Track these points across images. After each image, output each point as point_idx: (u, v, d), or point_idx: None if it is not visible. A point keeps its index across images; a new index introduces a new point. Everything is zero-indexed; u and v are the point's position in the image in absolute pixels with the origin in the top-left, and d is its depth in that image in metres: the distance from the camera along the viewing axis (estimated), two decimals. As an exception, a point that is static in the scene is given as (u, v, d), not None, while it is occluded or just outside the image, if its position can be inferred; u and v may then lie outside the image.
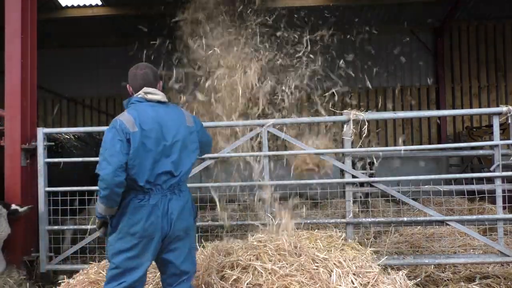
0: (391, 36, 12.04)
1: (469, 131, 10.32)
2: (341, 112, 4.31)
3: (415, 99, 11.95)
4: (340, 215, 6.29)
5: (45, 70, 12.11)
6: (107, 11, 10.53)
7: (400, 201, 4.35)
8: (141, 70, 2.77)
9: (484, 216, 4.71)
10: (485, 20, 11.73)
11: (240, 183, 4.48)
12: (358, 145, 4.51)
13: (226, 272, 3.04)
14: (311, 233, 3.70)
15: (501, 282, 3.93)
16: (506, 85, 11.74)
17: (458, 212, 6.38)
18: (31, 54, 4.67)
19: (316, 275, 2.95)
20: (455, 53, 11.86)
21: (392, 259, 4.14)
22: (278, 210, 4.16)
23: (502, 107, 4.10)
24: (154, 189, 2.52)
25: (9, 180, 4.46)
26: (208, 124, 5.03)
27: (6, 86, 4.51)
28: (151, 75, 2.76)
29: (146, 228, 2.47)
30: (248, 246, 3.28)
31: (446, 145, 4.58)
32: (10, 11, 4.55)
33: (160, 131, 2.59)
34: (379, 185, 4.25)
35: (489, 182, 4.76)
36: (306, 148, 4.41)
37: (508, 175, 4.21)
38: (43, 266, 4.46)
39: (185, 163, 2.68)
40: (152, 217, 2.49)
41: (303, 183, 4.50)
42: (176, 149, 2.63)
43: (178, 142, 2.64)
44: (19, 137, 4.47)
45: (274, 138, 4.88)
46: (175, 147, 2.63)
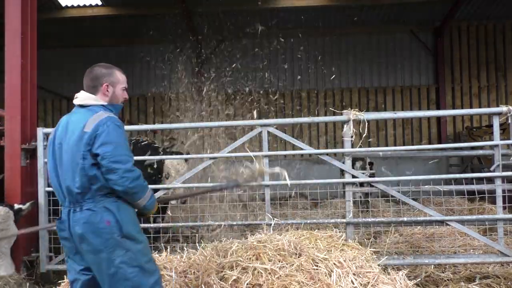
0: (391, 36, 12.04)
1: (469, 131, 10.32)
2: (341, 112, 4.30)
3: (415, 99, 11.95)
4: (340, 215, 6.30)
5: (45, 70, 12.14)
6: (107, 11, 10.54)
7: (400, 201, 4.35)
8: (86, 73, 2.66)
9: (484, 216, 4.71)
10: (485, 20, 11.73)
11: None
12: (358, 145, 4.51)
13: (225, 273, 3.04)
14: (311, 233, 3.70)
15: (501, 282, 3.93)
16: (506, 85, 11.73)
17: (458, 212, 6.38)
18: (31, 54, 4.67)
19: (316, 275, 2.95)
20: (455, 53, 11.86)
21: (392, 259, 4.14)
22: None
23: (502, 107, 4.10)
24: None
25: (9, 180, 4.46)
26: (208, 124, 5.05)
27: (6, 86, 4.51)
28: (89, 78, 2.61)
29: None
30: (247, 246, 3.27)
31: (446, 145, 4.58)
32: (10, 11, 4.55)
33: (63, 138, 2.48)
34: (379, 185, 4.25)
35: (489, 182, 4.76)
36: (306, 148, 4.41)
37: (508, 175, 4.21)
38: (43, 266, 4.46)
39: (67, 177, 2.41)
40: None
41: (303, 183, 4.49)
42: (65, 160, 2.43)
43: (67, 151, 2.43)
44: (19, 137, 4.47)
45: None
46: (64, 157, 2.44)
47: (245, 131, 4.86)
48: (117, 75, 2.67)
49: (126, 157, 2.40)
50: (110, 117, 2.47)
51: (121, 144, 2.42)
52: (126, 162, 2.39)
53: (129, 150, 2.49)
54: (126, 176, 2.37)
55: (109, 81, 2.63)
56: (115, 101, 2.65)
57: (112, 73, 2.66)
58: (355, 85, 12.17)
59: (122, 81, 2.69)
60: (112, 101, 2.63)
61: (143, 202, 2.50)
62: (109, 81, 2.62)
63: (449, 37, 11.85)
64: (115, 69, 2.69)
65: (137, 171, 2.44)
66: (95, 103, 2.57)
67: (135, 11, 10.68)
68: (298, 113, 12.14)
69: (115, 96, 2.65)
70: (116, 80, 2.66)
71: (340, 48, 12.25)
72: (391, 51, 12.06)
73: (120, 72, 2.70)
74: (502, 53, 11.74)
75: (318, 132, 12.14)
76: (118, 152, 2.38)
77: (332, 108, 11.95)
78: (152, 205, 2.59)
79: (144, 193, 2.49)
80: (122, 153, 2.40)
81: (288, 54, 12.31)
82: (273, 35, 12.22)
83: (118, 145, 2.40)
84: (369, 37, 12.16)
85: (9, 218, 3.98)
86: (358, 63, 12.17)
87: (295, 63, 12.28)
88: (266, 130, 4.31)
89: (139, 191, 2.45)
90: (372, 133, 11.92)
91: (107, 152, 2.35)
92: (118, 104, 2.68)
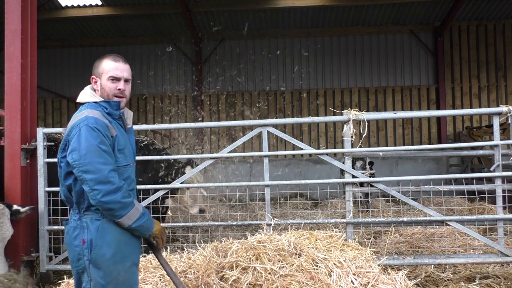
0: (391, 36, 12.05)
1: (469, 131, 10.32)
2: (341, 112, 4.30)
3: (415, 99, 11.96)
4: (340, 215, 6.30)
5: (45, 70, 12.21)
6: (107, 11, 10.55)
7: (400, 201, 4.35)
8: None
9: (484, 216, 4.70)
10: (485, 20, 11.74)
11: (240, 183, 4.47)
12: (358, 145, 4.51)
13: (225, 273, 3.04)
14: (311, 233, 3.69)
15: (501, 282, 3.93)
16: (506, 85, 11.73)
17: (458, 212, 6.39)
18: (31, 54, 4.66)
19: (316, 275, 2.95)
20: (455, 53, 11.86)
21: (392, 259, 4.14)
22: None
23: (502, 107, 4.10)
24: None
25: (9, 180, 4.45)
26: (208, 124, 5.05)
27: (6, 86, 4.50)
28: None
29: None
30: (247, 246, 3.27)
31: (446, 145, 4.57)
32: (10, 11, 4.54)
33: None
34: (379, 185, 4.24)
35: (489, 182, 4.77)
36: (306, 148, 4.41)
37: (508, 175, 4.20)
38: (43, 266, 4.46)
39: (60, 184, 2.28)
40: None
41: (303, 183, 4.49)
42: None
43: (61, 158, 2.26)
44: (19, 137, 4.46)
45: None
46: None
47: (245, 131, 4.86)
48: (102, 65, 2.30)
49: (97, 166, 2.04)
50: (87, 117, 2.14)
51: (91, 150, 2.05)
52: (96, 171, 2.03)
53: (106, 157, 2.10)
54: (97, 189, 2.03)
55: (95, 73, 2.33)
56: (105, 95, 2.29)
57: (99, 63, 2.32)
58: (355, 85, 12.17)
59: (108, 70, 2.28)
60: (103, 96, 2.30)
61: (127, 222, 2.12)
62: (95, 73, 2.33)
63: (449, 37, 11.86)
64: (105, 58, 2.32)
65: (113, 184, 2.05)
66: (90, 99, 2.29)
67: (135, 11, 10.69)
68: (298, 113, 12.14)
69: (103, 90, 2.29)
70: (101, 70, 2.30)
71: (340, 48, 12.25)
72: (391, 51, 12.06)
73: (108, 60, 2.30)
74: (502, 53, 11.75)
75: (318, 132, 12.14)
76: (87, 159, 2.04)
77: (332, 108, 11.96)
78: (144, 227, 2.20)
79: (124, 210, 2.10)
80: (93, 160, 2.04)
81: (288, 54, 12.31)
82: (273, 35, 12.24)
83: (88, 151, 2.05)
84: (369, 37, 12.17)
85: (3, 215, 3.96)
86: (358, 63, 12.17)
87: (295, 63, 12.28)
88: (266, 130, 4.31)
89: (116, 208, 2.07)
90: (372, 133, 11.93)
91: (75, 160, 2.06)
92: (111, 100, 2.29)
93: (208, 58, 12.30)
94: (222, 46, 12.39)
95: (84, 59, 12.52)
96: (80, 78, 12.62)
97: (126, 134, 2.37)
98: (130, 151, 2.38)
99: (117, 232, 2.16)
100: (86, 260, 2.12)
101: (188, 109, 12.43)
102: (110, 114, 2.26)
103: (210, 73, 12.37)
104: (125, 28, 11.95)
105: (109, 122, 2.20)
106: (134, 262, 2.28)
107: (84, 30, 11.98)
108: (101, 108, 2.25)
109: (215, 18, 11.47)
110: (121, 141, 2.26)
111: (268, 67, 12.31)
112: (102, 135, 2.12)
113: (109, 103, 2.27)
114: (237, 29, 12.17)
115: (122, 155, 2.26)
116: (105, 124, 2.16)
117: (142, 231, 2.22)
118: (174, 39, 12.30)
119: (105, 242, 2.13)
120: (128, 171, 2.29)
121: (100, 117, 2.17)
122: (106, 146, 2.13)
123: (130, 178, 2.31)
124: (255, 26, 12.04)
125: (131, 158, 2.36)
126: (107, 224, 2.15)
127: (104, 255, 2.12)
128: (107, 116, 2.24)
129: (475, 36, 11.87)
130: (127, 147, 2.32)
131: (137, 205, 2.19)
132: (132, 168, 2.37)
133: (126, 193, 2.12)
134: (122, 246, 2.18)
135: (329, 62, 12.26)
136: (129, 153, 2.33)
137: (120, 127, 2.33)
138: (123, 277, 2.17)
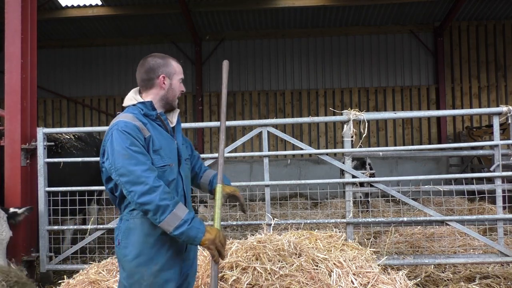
0: (391, 36, 12.05)
1: (469, 131, 10.32)
2: (341, 112, 4.30)
3: (415, 99, 11.96)
4: (340, 215, 6.30)
5: (45, 70, 12.21)
6: (107, 11, 10.55)
7: (400, 201, 4.35)
8: (139, 65, 2.35)
9: (484, 216, 4.71)
10: (485, 20, 11.74)
11: (240, 183, 4.47)
12: (358, 145, 4.51)
13: (225, 273, 3.04)
14: (311, 233, 3.70)
15: (501, 282, 3.93)
16: (506, 85, 11.74)
17: (458, 212, 6.39)
18: (31, 54, 4.67)
19: (316, 275, 2.95)
20: (455, 53, 11.86)
21: (392, 259, 4.14)
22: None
23: (502, 107, 4.10)
24: None
25: (9, 180, 4.45)
26: (208, 124, 5.05)
27: (6, 86, 4.51)
28: (144, 70, 2.30)
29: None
30: (247, 246, 3.27)
31: (446, 145, 4.58)
32: (10, 11, 4.54)
33: None
34: (379, 185, 4.25)
35: (489, 182, 4.77)
36: (306, 148, 4.41)
37: (508, 175, 4.21)
38: (43, 266, 4.46)
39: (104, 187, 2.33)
40: None
41: (303, 183, 4.50)
42: None
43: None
44: (19, 137, 4.47)
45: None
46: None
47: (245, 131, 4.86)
48: (173, 65, 2.33)
49: (129, 167, 2.02)
50: (119, 121, 2.13)
51: (122, 154, 2.04)
52: (129, 173, 2.01)
53: (138, 158, 2.05)
54: (133, 190, 2.00)
55: (166, 72, 2.30)
56: (171, 94, 2.31)
57: (168, 63, 2.32)
58: (355, 85, 12.17)
59: (179, 72, 2.35)
60: (167, 95, 2.30)
61: (167, 227, 2.00)
62: (165, 72, 2.30)
63: (449, 37, 11.86)
64: (170, 59, 2.35)
65: (147, 184, 1.99)
66: (130, 103, 2.28)
67: (135, 11, 10.69)
68: (298, 113, 12.15)
69: (171, 89, 2.31)
70: (173, 71, 2.32)
71: (340, 48, 12.25)
72: (391, 51, 12.06)
73: (175, 62, 2.36)
74: (502, 53, 11.75)
75: (318, 132, 12.14)
76: (119, 163, 2.03)
77: (332, 108, 11.96)
78: (186, 236, 2.02)
79: (162, 215, 1.99)
80: (124, 163, 2.03)
81: (288, 54, 12.31)
82: (273, 35, 12.24)
83: (119, 155, 2.04)
84: (369, 37, 12.17)
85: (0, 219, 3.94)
86: (358, 63, 12.18)
87: (295, 63, 12.28)
88: (266, 130, 4.31)
89: (152, 210, 1.99)
90: (372, 133, 11.93)
91: (110, 166, 2.07)
92: (171, 101, 2.31)
93: (208, 58, 12.30)
94: (222, 46, 12.40)
95: (84, 59, 12.51)
96: (80, 78, 12.65)
97: (167, 134, 2.27)
98: (172, 151, 2.26)
99: (143, 233, 2.11)
100: (118, 260, 2.20)
101: (188, 109, 12.44)
102: (146, 115, 2.22)
103: (210, 73, 12.37)
104: (125, 28, 11.95)
105: (143, 124, 2.16)
106: (164, 267, 2.13)
107: (84, 30, 11.98)
108: (138, 110, 2.22)
109: (215, 18, 11.48)
110: (157, 141, 2.17)
111: (268, 67, 12.31)
112: (132, 137, 2.08)
113: (144, 104, 2.23)
114: (237, 29, 12.17)
115: (158, 156, 2.16)
116: (135, 126, 2.11)
117: (185, 239, 2.05)
118: (174, 39, 12.31)
119: (129, 242, 2.10)
120: (166, 173, 2.18)
121: (131, 120, 2.13)
122: (138, 147, 2.08)
123: (168, 181, 2.18)
124: (255, 26, 12.04)
125: (170, 159, 2.22)
126: (134, 225, 2.12)
127: (127, 255, 2.10)
128: (142, 118, 2.19)
129: (475, 36, 11.87)
130: (164, 147, 2.20)
131: (177, 210, 2.02)
132: (171, 169, 2.22)
133: (165, 195, 2.01)
134: (147, 249, 2.10)
135: (329, 62, 12.26)
136: (167, 154, 2.21)
137: (159, 127, 2.25)
138: (148, 281, 2.08)
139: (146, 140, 2.14)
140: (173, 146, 2.29)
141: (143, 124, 2.16)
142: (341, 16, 11.46)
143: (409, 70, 12.04)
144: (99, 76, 12.50)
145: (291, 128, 12.01)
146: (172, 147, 2.27)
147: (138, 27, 11.86)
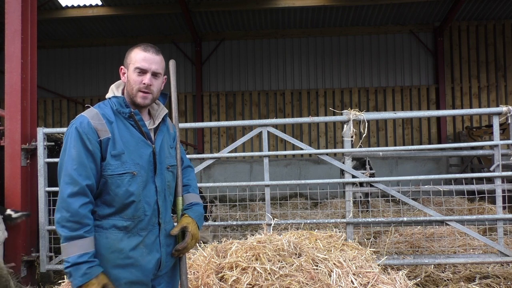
0: (391, 36, 12.06)
1: (469, 131, 10.33)
2: (341, 112, 4.30)
3: (415, 99, 11.96)
4: (340, 215, 6.30)
5: (45, 70, 12.22)
6: (107, 11, 10.56)
7: (400, 201, 4.35)
8: None
9: (484, 216, 4.70)
10: (485, 20, 11.74)
11: (240, 183, 4.47)
12: (358, 145, 4.52)
13: (225, 273, 3.04)
14: (311, 233, 3.70)
15: (501, 282, 3.94)
16: (506, 85, 11.74)
17: (458, 212, 6.39)
18: (31, 54, 4.67)
19: (316, 275, 2.95)
20: (455, 53, 11.87)
21: (392, 259, 4.14)
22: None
23: (502, 107, 4.10)
24: None
25: (9, 180, 4.45)
26: (208, 124, 5.04)
27: (6, 86, 4.51)
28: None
29: None
30: (247, 246, 3.27)
31: (446, 145, 4.57)
32: (10, 11, 4.54)
33: None
34: (379, 185, 4.25)
35: (489, 182, 4.77)
36: (306, 148, 4.41)
37: (508, 175, 4.21)
38: (43, 266, 4.46)
39: None
40: None
41: (303, 183, 4.50)
42: None
43: None
44: (19, 137, 4.47)
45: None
46: None
47: (245, 131, 4.87)
48: (131, 54, 1.97)
49: (65, 178, 1.79)
50: (78, 118, 1.89)
51: (64, 161, 1.81)
52: (62, 189, 1.78)
53: (73, 167, 1.79)
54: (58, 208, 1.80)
55: (124, 63, 2.01)
56: (129, 88, 1.96)
57: (128, 53, 1.99)
58: (355, 85, 12.17)
59: (135, 60, 1.94)
60: (128, 89, 1.98)
61: (63, 252, 1.79)
62: (124, 64, 2.01)
63: (449, 37, 11.86)
64: (136, 47, 1.98)
65: (62, 196, 1.76)
66: (107, 96, 2.04)
67: (135, 11, 10.70)
68: (298, 113, 12.15)
69: (129, 83, 1.96)
70: (129, 60, 1.97)
71: (340, 48, 12.25)
72: (391, 51, 12.07)
73: (138, 49, 1.96)
74: (502, 53, 11.75)
75: (318, 132, 12.14)
76: (60, 172, 1.83)
77: (332, 108, 11.96)
78: (70, 275, 1.83)
79: (62, 239, 1.78)
80: (62, 173, 1.81)
81: (288, 54, 12.32)
82: (273, 35, 12.25)
83: (62, 162, 1.83)
84: (369, 37, 12.17)
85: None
86: (358, 63, 12.18)
87: (295, 63, 12.29)
88: (266, 130, 4.31)
89: (60, 234, 1.79)
90: (372, 133, 11.93)
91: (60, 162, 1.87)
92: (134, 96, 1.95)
93: (208, 58, 12.30)
94: (222, 46, 12.40)
95: (84, 59, 12.51)
96: (80, 78, 12.65)
97: (140, 137, 1.94)
98: (142, 157, 1.93)
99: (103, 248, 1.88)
100: None
101: (188, 109, 12.44)
102: (119, 112, 1.93)
103: (210, 73, 12.38)
104: (125, 28, 11.95)
105: (108, 122, 1.88)
106: (132, 281, 1.91)
107: (84, 30, 11.99)
108: (110, 105, 1.95)
109: (215, 18, 11.48)
110: (120, 145, 1.87)
111: (268, 67, 12.32)
112: (77, 140, 1.83)
113: (117, 99, 1.95)
114: (237, 29, 12.17)
115: (118, 161, 1.86)
116: (89, 127, 1.84)
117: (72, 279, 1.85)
118: (174, 39, 12.31)
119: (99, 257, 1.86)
120: (125, 182, 1.86)
121: (91, 118, 1.87)
122: (78, 150, 1.83)
123: (129, 191, 1.87)
124: (255, 26, 12.05)
125: (137, 166, 1.90)
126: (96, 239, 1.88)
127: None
128: (110, 116, 1.91)
129: (475, 36, 11.88)
130: (129, 151, 1.89)
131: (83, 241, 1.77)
132: (136, 179, 1.90)
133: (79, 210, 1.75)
134: (110, 269, 1.88)
135: (329, 62, 12.27)
136: (133, 160, 1.89)
137: (131, 128, 1.94)
138: None
139: (102, 143, 1.85)
140: (146, 151, 1.94)
141: (108, 123, 1.88)
142: (341, 16, 11.47)
143: (409, 70, 12.04)
144: (99, 76, 12.50)
145: (291, 128, 12.02)
146: (143, 152, 1.94)
147: (138, 27, 11.86)
